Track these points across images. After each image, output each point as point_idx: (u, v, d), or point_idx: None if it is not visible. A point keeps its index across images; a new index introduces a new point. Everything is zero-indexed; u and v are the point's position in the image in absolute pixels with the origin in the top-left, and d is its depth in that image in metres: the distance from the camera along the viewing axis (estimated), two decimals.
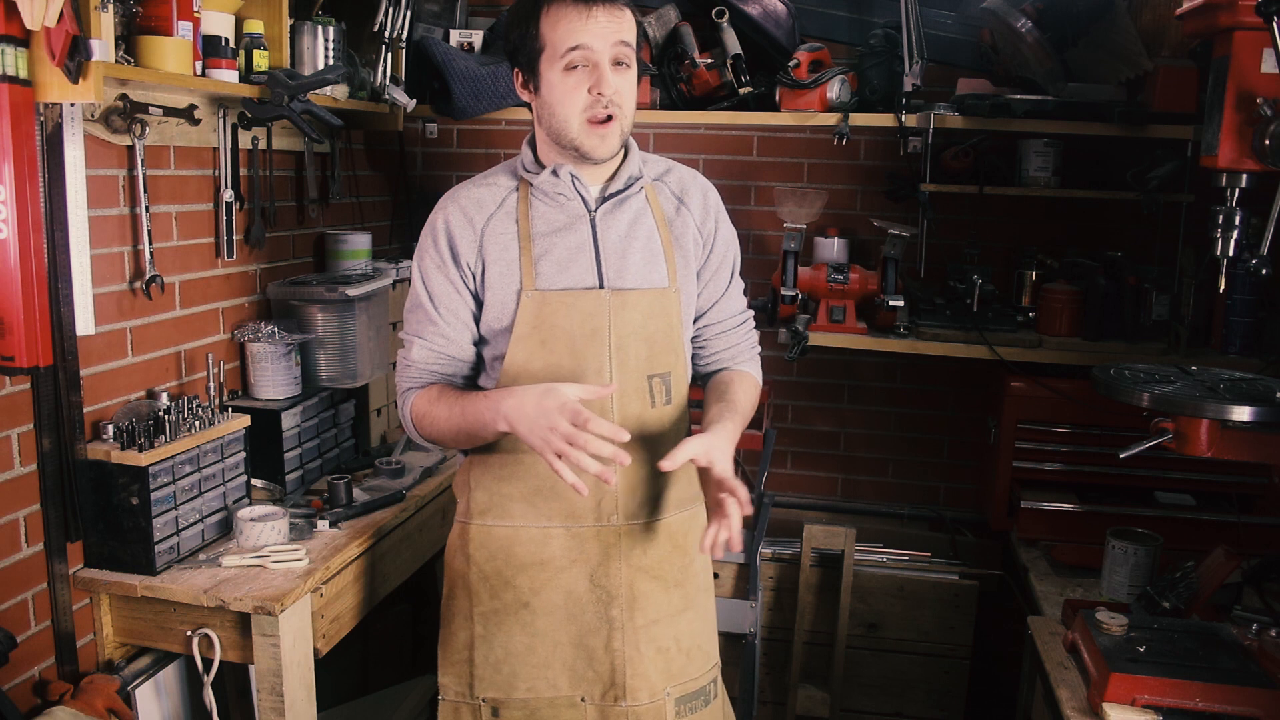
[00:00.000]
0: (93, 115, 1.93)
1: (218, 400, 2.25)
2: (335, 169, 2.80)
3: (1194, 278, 2.55)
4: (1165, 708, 1.62)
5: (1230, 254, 1.91)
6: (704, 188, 1.76)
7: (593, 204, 1.66)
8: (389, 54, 2.69)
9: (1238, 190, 1.89)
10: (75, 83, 1.67)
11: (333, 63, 2.43)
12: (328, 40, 2.42)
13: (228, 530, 2.11)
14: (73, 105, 1.82)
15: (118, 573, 1.94)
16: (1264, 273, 1.86)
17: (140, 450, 1.90)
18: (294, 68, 2.33)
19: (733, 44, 2.70)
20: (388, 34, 2.66)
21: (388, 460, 2.46)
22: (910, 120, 2.63)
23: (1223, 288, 2.02)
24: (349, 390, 2.56)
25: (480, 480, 1.72)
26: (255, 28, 2.16)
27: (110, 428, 1.95)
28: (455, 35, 2.88)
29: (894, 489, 3.18)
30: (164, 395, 2.07)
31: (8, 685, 1.78)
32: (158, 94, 2.05)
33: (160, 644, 1.99)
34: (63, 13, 1.60)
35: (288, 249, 2.66)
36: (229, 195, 2.33)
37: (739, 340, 1.81)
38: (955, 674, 2.76)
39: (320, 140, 2.58)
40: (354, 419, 2.62)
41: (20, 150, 1.68)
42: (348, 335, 2.47)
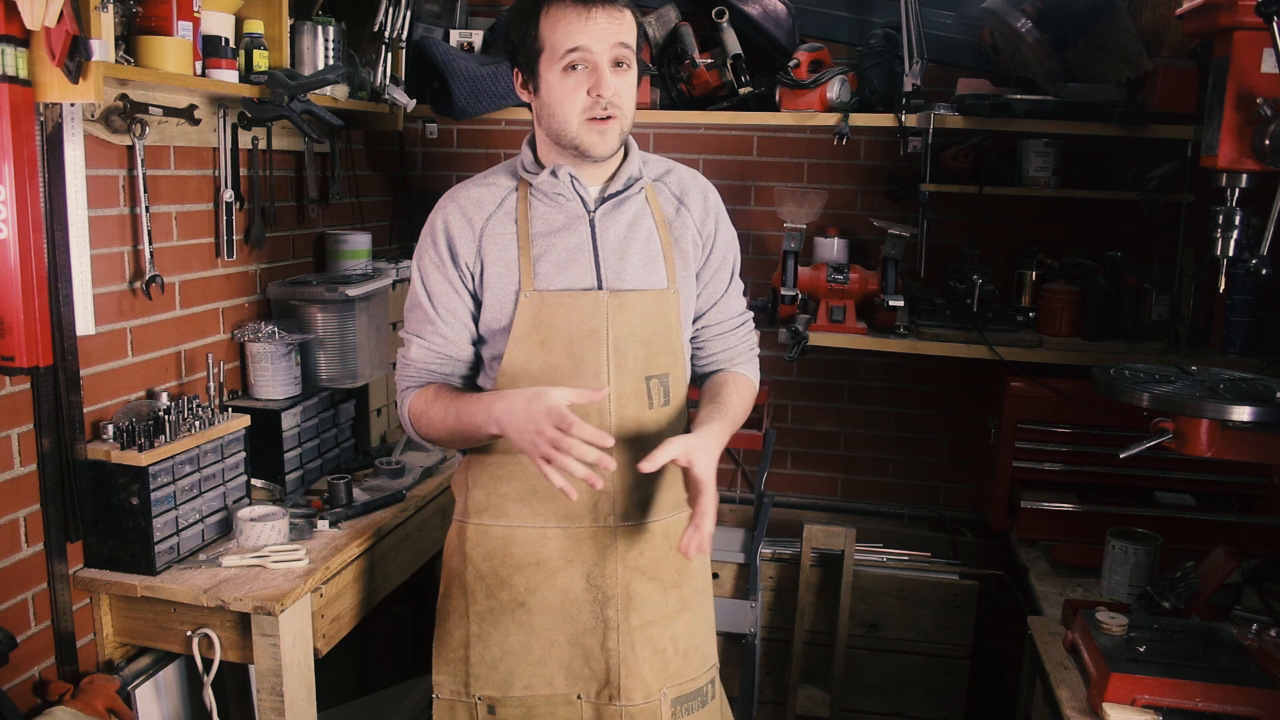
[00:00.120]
0: (93, 115, 1.93)
1: (218, 400, 2.25)
2: (335, 169, 2.80)
3: (1194, 278, 2.55)
4: (1165, 708, 1.62)
5: (1230, 254, 1.91)
6: (704, 189, 1.76)
7: (592, 204, 1.65)
8: (389, 54, 2.69)
9: (1238, 190, 1.89)
10: (75, 83, 1.67)
11: (333, 63, 2.43)
12: (328, 40, 2.42)
13: (228, 530, 2.11)
14: (73, 105, 1.82)
15: (118, 573, 1.94)
16: (1264, 273, 1.86)
17: (140, 450, 1.90)
18: (294, 68, 2.33)
19: (733, 44, 2.70)
20: (388, 34, 2.66)
21: (388, 460, 2.47)
22: (910, 120, 2.63)
23: (1223, 288, 2.01)
24: (349, 390, 2.56)
25: (478, 480, 1.72)
26: (255, 28, 2.16)
27: (110, 428, 1.95)
28: (455, 35, 2.88)
29: (894, 489, 3.18)
30: (164, 395, 2.07)
31: (8, 685, 1.78)
32: (158, 94, 2.05)
33: (160, 644, 1.99)
34: (63, 13, 1.60)
35: (288, 249, 2.66)
36: (229, 195, 2.33)
37: (737, 342, 1.81)
38: (955, 674, 2.76)
39: (320, 140, 2.58)
40: (354, 419, 2.62)
41: (20, 150, 1.68)
42: (348, 335, 2.47)
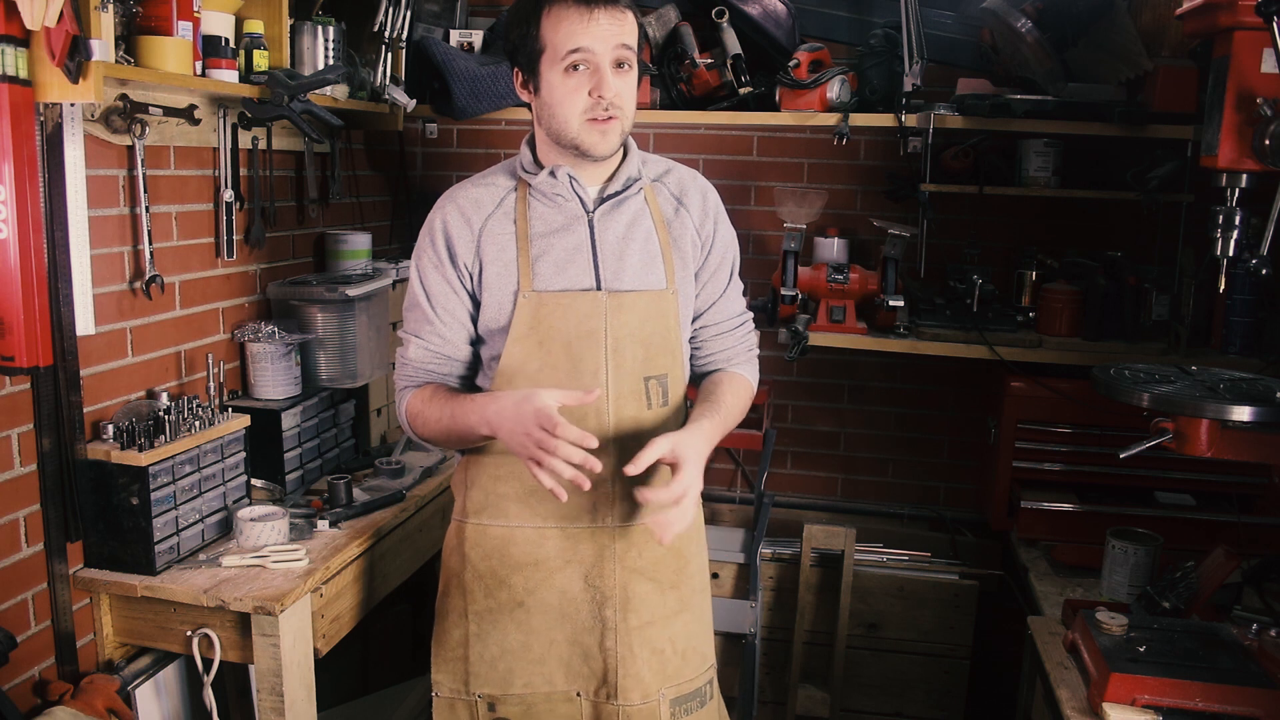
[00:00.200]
0: (93, 115, 1.93)
1: (218, 400, 2.25)
2: (335, 169, 2.80)
3: (1194, 278, 2.55)
4: (1165, 708, 1.62)
5: (1230, 254, 1.91)
6: (703, 189, 1.75)
7: (590, 205, 1.65)
8: (389, 54, 2.69)
9: (1238, 190, 1.89)
10: (75, 83, 1.67)
11: (333, 63, 2.43)
12: (328, 40, 2.42)
13: (228, 530, 2.11)
14: (73, 105, 1.82)
15: (118, 573, 1.94)
16: (1264, 273, 1.86)
17: (140, 450, 1.90)
18: (294, 68, 2.33)
19: (733, 44, 2.70)
20: (388, 34, 2.66)
21: (388, 460, 2.47)
22: (910, 120, 2.63)
23: (1223, 288, 2.02)
24: (349, 390, 2.56)
25: (476, 480, 1.72)
26: (255, 28, 2.16)
27: (110, 428, 1.95)
28: (455, 35, 2.88)
29: (894, 489, 3.18)
30: (164, 395, 2.07)
31: (8, 685, 1.78)
32: (158, 94, 2.05)
33: (160, 644, 1.99)
34: (63, 13, 1.60)
35: (288, 249, 2.66)
36: (229, 195, 2.33)
37: (736, 342, 1.80)
38: (955, 674, 2.76)
39: (320, 140, 2.58)
40: (354, 419, 2.62)
41: (20, 150, 1.68)
42: (348, 335, 2.47)
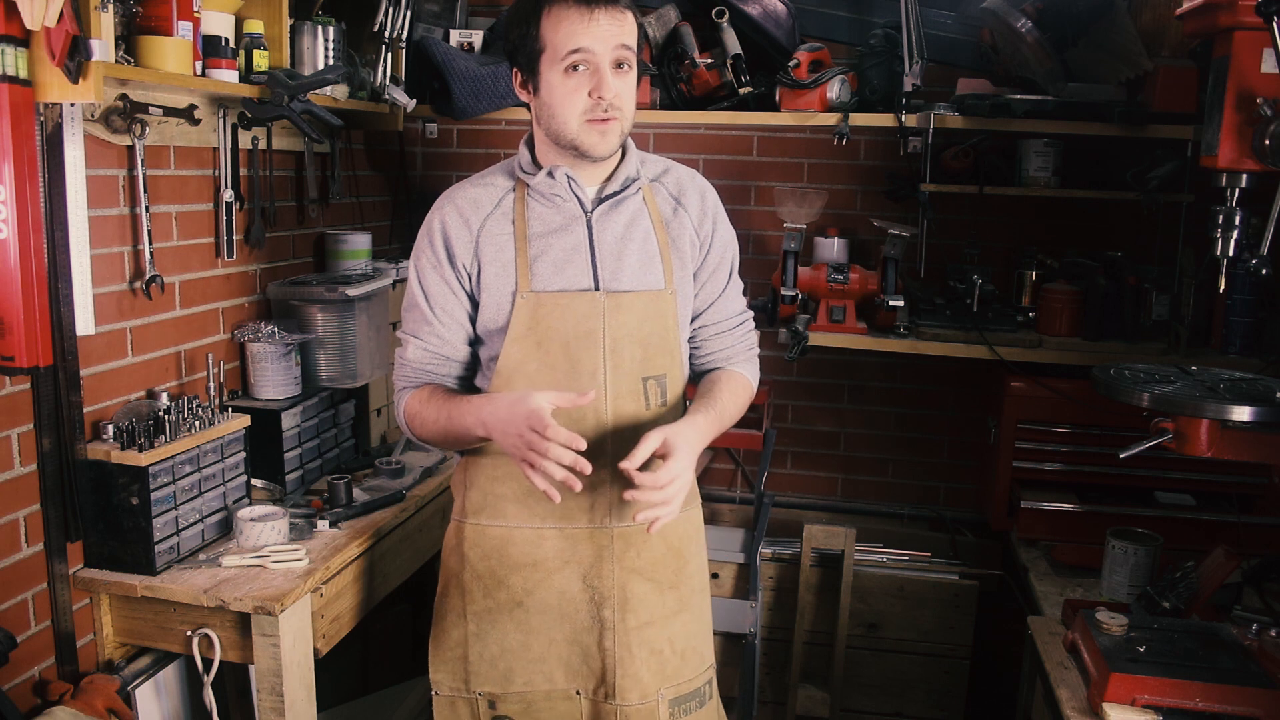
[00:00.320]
0: (93, 115, 1.93)
1: (218, 400, 2.24)
2: (335, 169, 2.80)
3: (1194, 278, 2.55)
4: (1165, 708, 1.62)
5: (1230, 254, 1.91)
6: (702, 188, 1.75)
7: (589, 205, 1.65)
8: (389, 54, 2.69)
9: (1238, 190, 1.89)
10: (75, 83, 1.67)
11: (333, 63, 2.43)
12: (328, 40, 2.42)
13: (228, 530, 2.11)
14: (73, 105, 1.82)
15: (118, 573, 1.94)
16: (1264, 273, 1.86)
17: (140, 450, 1.90)
18: (294, 68, 2.33)
19: (733, 44, 2.70)
20: (388, 34, 2.66)
21: (388, 460, 2.47)
22: (910, 120, 2.63)
23: (1223, 288, 2.01)
24: (349, 390, 2.56)
25: (475, 480, 1.72)
26: (255, 28, 2.16)
27: (110, 428, 1.95)
28: (455, 35, 2.88)
29: (894, 489, 3.18)
30: (164, 395, 2.07)
31: (8, 685, 1.78)
32: (158, 94, 2.05)
33: (160, 644, 1.99)
34: (63, 13, 1.60)
35: (288, 249, 2.66)
36: (229, 195, 2.33)
37: (735, 342, 1.80)
38: (955, 674, 2.76)
39: (320, 140, 2.58)
40: (354, 419, 2.62)
41: (20, 150, 1.68)
42: (348, 335, 2.47)
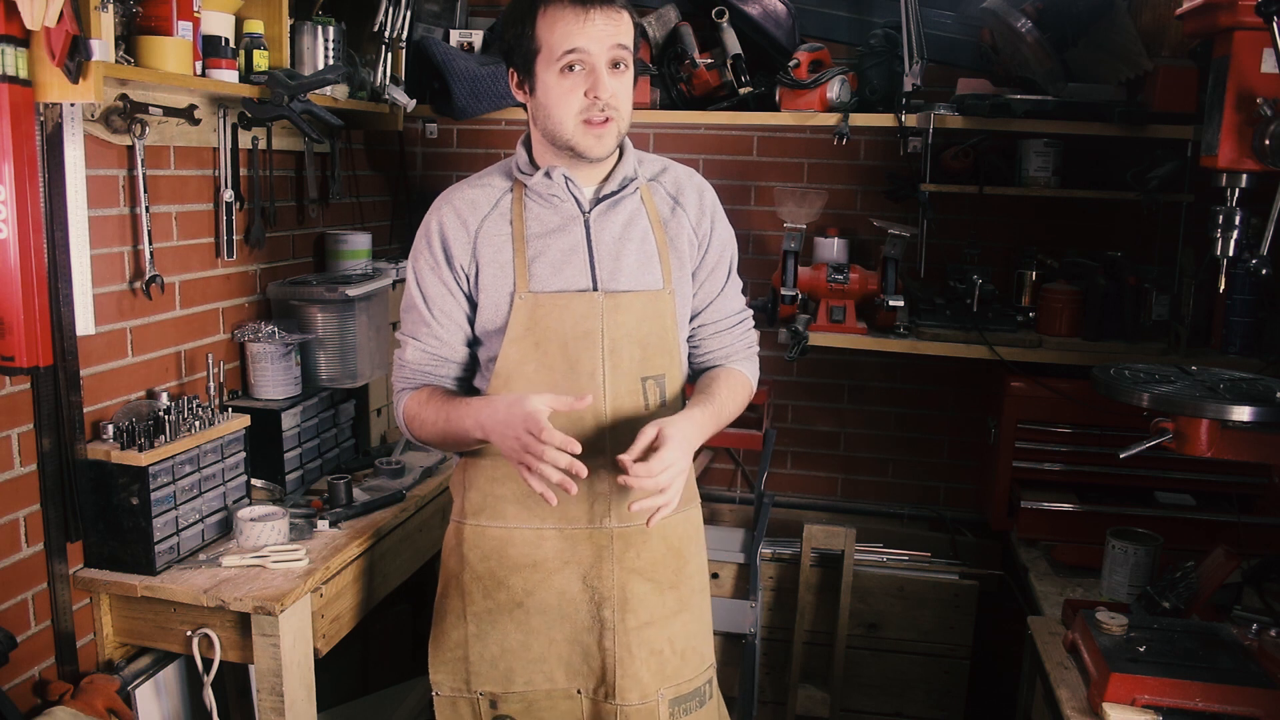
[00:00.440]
0: (93, 115, 1.93)
1: (218, 400, 2.25)
2: (335, 169, 2.80)
3: (1194, 278, 2.55)
4: (1165, 708, 1.62)
5: (1230, 254, 1.91)
6: (699, 187, 1.75)
7: (586, 205, 1.65)
8: (389, 54, 2.69)
9: (1238, 190, 1.89)
10: (75, 83, 1.67)
11: (333, 63, 2.43)
12: (328, 40, 2.42)
13: (228, 530, 2.11)
14: (73, 105, 1.82)
15: (118, 573, 1.94)
16: (1264, 273, 1.86)
17: (140, 450, 1.90)
18: (294, 68, 2.33)
19: (733, 44, 2.70)
20: (388, 34, 2.66)
21: (388, 460, 2.47)
22: (910, 120, 2.63)
23: (1223, 288, 2.01)
24: (349, 390, 2.56)
25: (474, 481, 1.72)
26: (255, 28, 2.16)
27: (110, 428, 1.95)
28: (455, 35, 2.88)
29: (894, 489, 3.18)
30: (164, 395, 2.07)
31: (8, 685, 1.78)
32: (158, 94, 2.05)
33: (160, 644, 1.99)
34: (63, 13, 1.60)
35: (288, 249, 2.66)
36: (229, 195, 2.33)
37: (734, 340, 1.80)
38: (955, 674, 2.76)
39: (320, 140, 2.58)
40: (354, 419, 2.62)
41: (20, 150, 1.68)
42: (348, 335, 2.47)
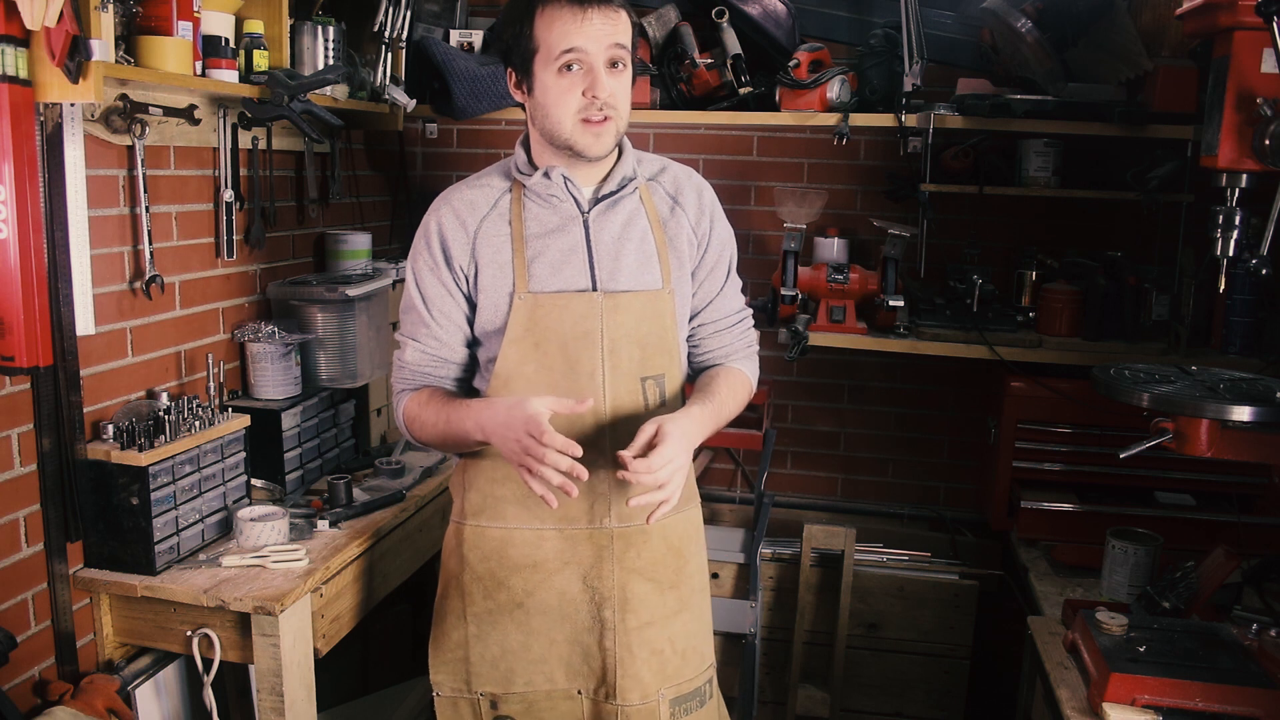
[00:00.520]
0: (93, 115, 1.93)
1: (218, 400, 2.25)
2: (335, 169, 2.80)
3: (1194, 278, 2.55)
4: (1165, 708, 1.62)
5: (1230, 254, 1.91)
6: (698, 186, 1.75)
7: (585, 205, 1.65)
8: (389, 54, 2.69)
9: (1238, 190, 1.89)
10: (75, 83, 1.67)
11: (333, 63, 2.43)
12: (328, 40, 2.42)
13: (228, 530, 2.11)
14: (73, 105, 1.82)
15: (118, 573, 1.94)
16: (1264, 273, 1.86)
17: (140, 450, 1.90)
18: (294, 68, 2.33)
19: (733, 44, 2.70)
20: (388, 34, 2.66)
21: (388, 460, 2.47)
22: (910, 120, 2.62)
23: (1223, 288, 2.01)
24: (349, 390, 2.56)
25: (474, 482, 1.72)
26: (255, 28, 2.16)
27: (110, 428, 1.95)
28: (455, 35, 2.88)
29: (894, 489, 3.18)
30: (164, 395, 2.07)
31: (8, 685, 1.78)
32: (158, 94, 2.05)
33: (160, 644, 1.99)
34: (63, 13, 1.60)
35: (288, 249, 2.66)
36: (229, 195, 2.33)
37: (734, 339, 1.80)
38: (955, 674, 2.76)
39: (320, 140, 2.58)
40: (354, 419, 2.62)
41: (20, 150, 1.68)
42: (348, 335, 2.47)
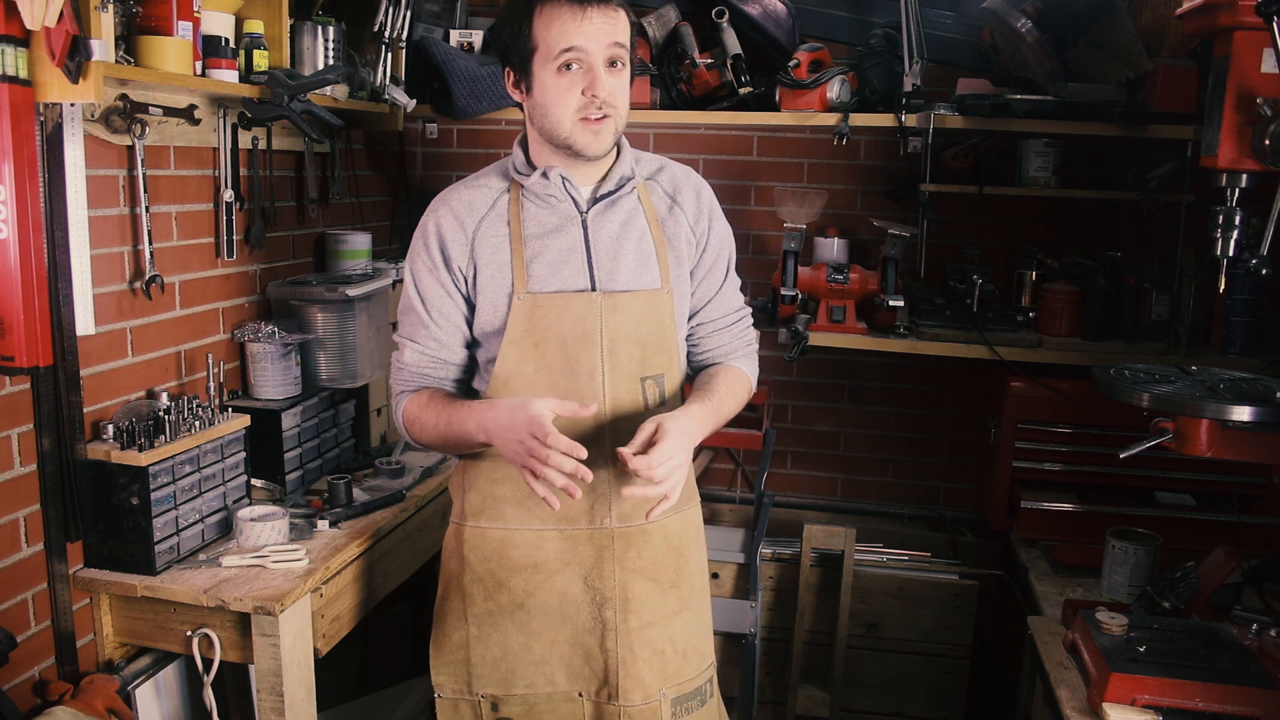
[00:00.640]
0: (93, 115, 1.93)
1: (218, 400, 2.25)
2: (335, 169, 2.80)
3: (1194, 278, 2.55)
4: (1165, 708, 1.62)
5: (1230, 254, 1.91)
6: (697, 185, 1.75)
7: (584, 205, 1.65)
8: (389, 54, 2.69)
9: (1238, 190, 1.89)
10: (75, 83, 1.67)
11: (333, 63, 2.43)
12: (328, 40, 2.42)
13: (228, 530, 2.11)
14: (73, 105, 1.82)
15: (118, 573, 1.94)
16: (1264, 273, 1.86)
17: (140, 450, 1.90)
18: (294, 68, 2.33)
19: (733, 44, 2.70)
20: (388, 34, 2.66)
21: (388, 460, 2.47)
22: (910, 120, 2.62)
23: (1223, 288, 2.01)
24: (349, 390, 2.56)
25: (474, 483, 1.72)
26: (255, 28, 2.16)
27: (110, 428, 1.95)
28: (455, 35, 2.88)
29: (894, 489, 3.18)
30: (164, 395, 2.07)
31: (8, 685, 1.78)
32: (158, 94, 2.05)
33: (160, 644, 1.99)
34: (63, 13, 1.60)
35: (288, 249, 2.66)
36: (229, 195, 2.33)
37: (733, 338, 1.80)
38: (955, 674, 2.76)
39: (320, 140, 2.58)
40: (354, 419, 2.62)
41: (20, 150, 1.68)
42: (348, 335, 2.47)
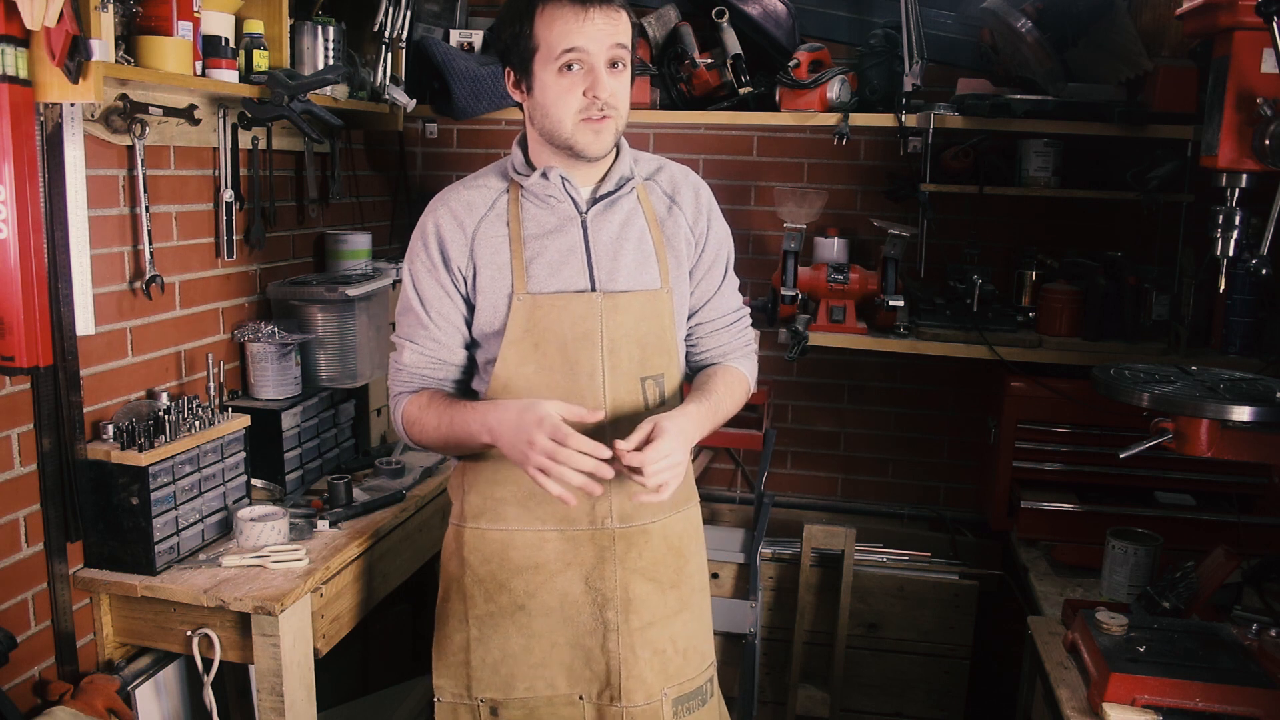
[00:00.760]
0: (93, 115, 1.93)
1: (218, 400, 2.25)
2: (335, 169, 2.80)
3: (1194, 278, 2.55)
4: (1165, 708, 1.62)
5: (1230, 254, 1.91)
6: (695, 185, 1.75)
7: (583, 206, 1.65)
8: (389, 54, 2.69)
9: (1238, 190, 1.89)
10: (75, 83, 1.67)
11: (333, 63, 2.43)
12: (328, 40, 2.42)
13: (228, 530, 2.11)
14: (73, 105, 1.82)
15: (118, 573, 1.94)
16: (1264, 273, 1.86)
17: (140, 450, 1.90)
18: (294, 68, 2.33)
19: (733, 44, 2.70)
20: (388, 34, 2.66)
21: (388, 460, 2.47)
22: (910, 120, 2.62)
23: (1223, 288, 2.02)
24: (349, 390, 2.56)
25: (474, 484, 1.72)
26: (255, 28, 2.16)
27: (110, 428, 1.95)
28: (455, 35, 2.88)
29: (894, 489, 3.18)
30: (164, 395, 2.07)
31: (8, 685, 1.78)
32: (158, 94, 2.05)
33: (160, 644, 1.99)
34: (63, 13, 1.60)
35: (288, 249, 2.66)
36: (229, 195, 2.33)
37: (732, 339, 1.80)
38: (955, 674, 2.76)
39: (320, 140, 2.58)
40: (354, 419, 2.62)
41: (20, 150, 1.68)
42: (348, 335, 2.47)
